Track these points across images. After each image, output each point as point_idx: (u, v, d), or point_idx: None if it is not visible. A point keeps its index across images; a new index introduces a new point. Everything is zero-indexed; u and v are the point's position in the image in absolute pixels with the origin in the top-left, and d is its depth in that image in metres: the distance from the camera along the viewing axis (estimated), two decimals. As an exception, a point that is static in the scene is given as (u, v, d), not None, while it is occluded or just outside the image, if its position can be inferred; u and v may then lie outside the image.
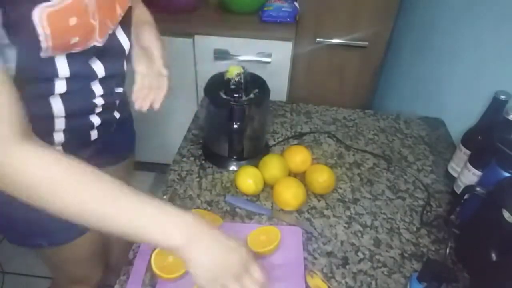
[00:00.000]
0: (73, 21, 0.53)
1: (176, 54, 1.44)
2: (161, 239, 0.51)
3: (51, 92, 0.61)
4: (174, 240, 0.50)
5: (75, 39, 0.56)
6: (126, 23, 0.70)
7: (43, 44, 0.52)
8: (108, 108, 0.73)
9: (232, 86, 0.81)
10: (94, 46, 0.61)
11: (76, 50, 0.59)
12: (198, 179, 0.88)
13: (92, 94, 0.68)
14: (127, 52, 0.72)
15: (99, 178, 0.50)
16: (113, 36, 0.68)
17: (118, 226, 0.50)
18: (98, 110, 0.70)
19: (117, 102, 0.76)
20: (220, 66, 1.29)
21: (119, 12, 0.66)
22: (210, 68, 1.04)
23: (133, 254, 0.71)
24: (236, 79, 0.81)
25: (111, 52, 0.67)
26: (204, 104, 0.88)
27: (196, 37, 1.42)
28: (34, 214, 0.73)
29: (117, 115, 0.79)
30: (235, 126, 0.83)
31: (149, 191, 1.81)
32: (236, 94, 0.82)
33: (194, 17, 1.49)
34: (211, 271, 0.52)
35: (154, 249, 0.68)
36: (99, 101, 0.69)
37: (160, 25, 0.80)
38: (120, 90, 0.78)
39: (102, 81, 0.69)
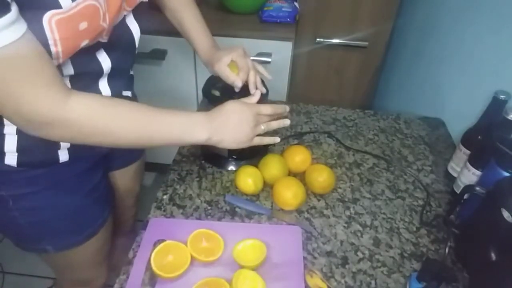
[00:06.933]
0: (83, 25, 0.54)
1: (176, 54, 1.45)
2: (192, 140, 0.66)
3: None
4: (200, 137, 0.66)
5: (85, 42, 0.57)
6: (138, 9, 0.69)
7: (52, 49, 0.52)
8: None
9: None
10: (99, 42, 0.61)
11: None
12: (198, 179, 0.88)
13: None
14: (137, 41, 0.71)
15: (137, 108, 0.60)
16: (122, 23, 0.67)
17: (161, 139, 0.63)
18: None
19: None
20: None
21: (127, 8, 0.66)
22: (210, 68, 1.04)
23: (133, 254, 0.71)
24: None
25: (119, 43, 0.66)
26: (204, 105, 0.88)
27: (196, 37, 1.42)
28: (39, 220, 0.73)
29: None
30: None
31: (149, 191, 1.81)
32: (234, 94, 0.82)
33: (194, 17, 1.49)
34: (237, 139, 0.68)
35: (154, 249, 0.68)
36: None
37: (160, 25, 0.80)
38: (128, 93, 0.77)
39: (110, 79, 0.67)
